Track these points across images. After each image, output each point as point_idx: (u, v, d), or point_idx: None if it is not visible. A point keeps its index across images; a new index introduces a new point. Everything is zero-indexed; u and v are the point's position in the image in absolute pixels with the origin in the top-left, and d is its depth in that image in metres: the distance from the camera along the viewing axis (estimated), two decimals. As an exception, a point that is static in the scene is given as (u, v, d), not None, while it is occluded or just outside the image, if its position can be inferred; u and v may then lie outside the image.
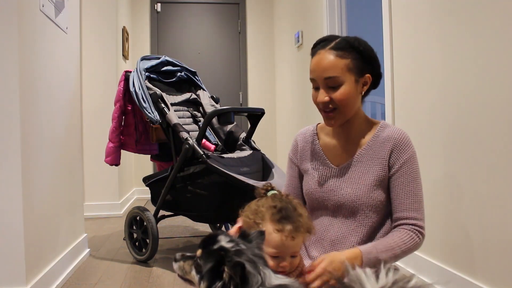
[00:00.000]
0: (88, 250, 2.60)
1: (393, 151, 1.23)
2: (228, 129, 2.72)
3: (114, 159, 2.59)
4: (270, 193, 1.13)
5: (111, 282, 2.13)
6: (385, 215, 1.26)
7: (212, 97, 2.87)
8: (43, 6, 1.89)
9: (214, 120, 2.74)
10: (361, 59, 1.21)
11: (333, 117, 1.23)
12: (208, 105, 2.79)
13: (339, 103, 1.20)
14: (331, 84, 1.19)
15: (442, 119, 1.88)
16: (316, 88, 1.24)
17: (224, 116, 2.44)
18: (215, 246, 0.88)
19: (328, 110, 1.22)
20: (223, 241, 0.89)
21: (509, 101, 1.49)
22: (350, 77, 1.20)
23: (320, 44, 1.25)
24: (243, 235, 0.93)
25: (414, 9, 2.09)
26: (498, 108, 1.54)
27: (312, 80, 1.24)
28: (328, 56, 1.20)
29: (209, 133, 2.74)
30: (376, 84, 1.30)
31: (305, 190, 1.33)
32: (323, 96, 1.21)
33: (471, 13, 1.67)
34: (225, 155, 2.37)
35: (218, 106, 2.81)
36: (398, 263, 2.17)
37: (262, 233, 0.95)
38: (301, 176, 1.37)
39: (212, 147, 2.53)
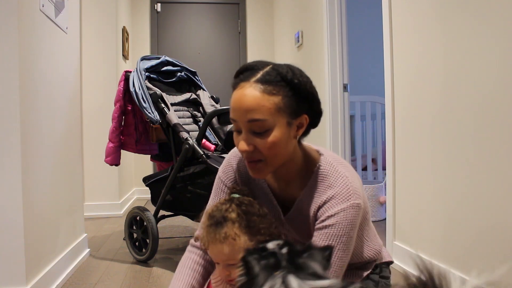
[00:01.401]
0: (88, 250, 2.60)
1: (324, 204, 1.01)
2: (228, 129, 2.72)
3: (114, 159, 2.59)
4: (232, 195, 1.09)
5: (111, 282, 2.13)
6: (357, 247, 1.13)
7: (212, 97, 2.87)
8: (43, 6, 1.89)
9: (214, 120, 2.74)
10: (296, 96, 0.97)
11: (259, 168, 1.01)
12: (208, 105, 2.80)
13: (266, 154, 0.97)
14: (256, 129, 0.95)
15: (443, 119, 1.88)
16: (238, 131, 1.00)
17: (224, 116, 2.44)
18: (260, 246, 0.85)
19: (253, 160, 1.00)
20: (270, 244, 0.85)
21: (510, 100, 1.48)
22: (281, 119, 0.95)
23: (244, 74, 0.99)
24: (308, 247, 0.84)
25: (414, 8, 2.09)
26: (499, 108, 1.54)
27: (232, 120, 1.00)
28: (253, 92, 0.94)
29: (209, 133, 2.74)
30: (315, 123, 1.05)
31: None
32: (245, 145, 0.97)
33: (473, 9, 1.67)
34: (225, 155, 2.37)
35: (218, 106, 2.81)
36: (398, 263, 2.17)
37: (327, 251, 0.83)
38: None
39: (212, 147, 2.53)
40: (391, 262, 1.30)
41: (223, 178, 1.19)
